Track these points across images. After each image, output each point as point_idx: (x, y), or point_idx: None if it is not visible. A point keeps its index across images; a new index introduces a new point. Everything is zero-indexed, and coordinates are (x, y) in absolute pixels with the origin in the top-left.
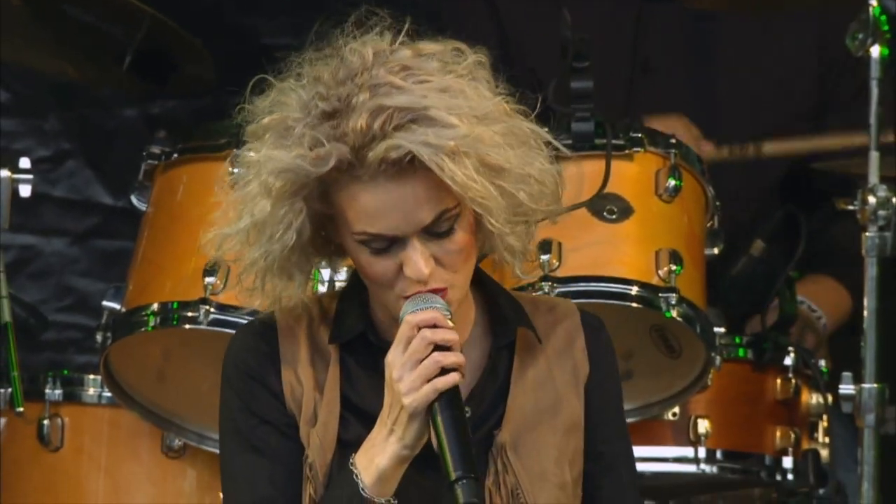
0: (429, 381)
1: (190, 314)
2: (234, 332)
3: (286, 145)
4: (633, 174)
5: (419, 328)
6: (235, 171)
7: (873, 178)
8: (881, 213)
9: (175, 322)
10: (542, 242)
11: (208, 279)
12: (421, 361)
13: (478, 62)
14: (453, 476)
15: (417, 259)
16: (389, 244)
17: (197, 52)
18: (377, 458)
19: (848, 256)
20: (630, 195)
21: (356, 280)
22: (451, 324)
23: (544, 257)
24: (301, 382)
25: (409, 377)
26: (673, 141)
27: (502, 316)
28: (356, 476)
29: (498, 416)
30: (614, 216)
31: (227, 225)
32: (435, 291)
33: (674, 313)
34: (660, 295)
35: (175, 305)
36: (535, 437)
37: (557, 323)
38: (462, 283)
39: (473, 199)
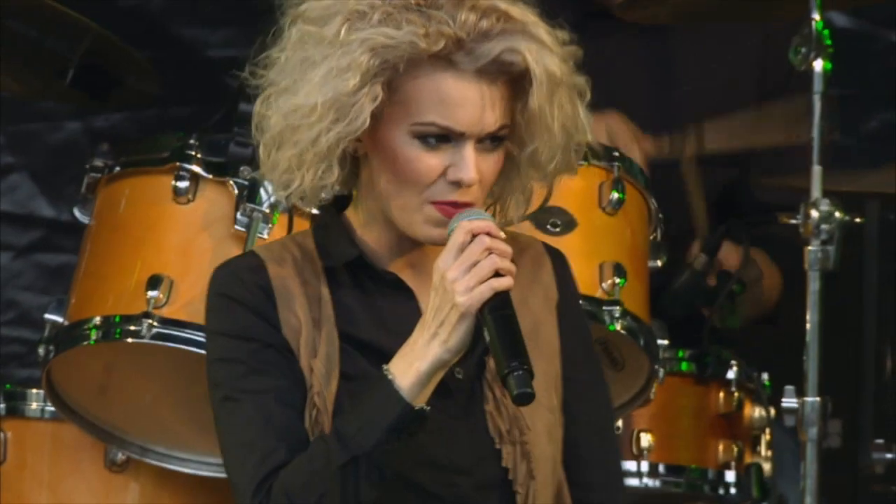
0: (483, 282)
1: (132, 328)
2: (177, 346)
3: (381, 25)
4: (576, 187)
5: (474, 234)
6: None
7: (816, 192)
8: (824, 227)
9: (117, 336)
10: None
11: (151, 293)
12: (476, 264)
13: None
14: (506, 369)
15: (471, 161)
16: (446, 141)
17: (140, 65)
18: (417, 361)
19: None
20: (574, 208)
21: (330, 215)
22: (502, 234)
23: None
24: (298, 318)
25: (464, 278)
26: (616, 154)
27: None
28: (392, 381)
29: (484, 344)
30: (558, 229)
31: (290, 95)
32: (464, 206)
33: (617, 326)
34: (603, 308)
35: (117, 319)
36: None
37: (523, 252)
38: (480, 206)
39: (541, 129)
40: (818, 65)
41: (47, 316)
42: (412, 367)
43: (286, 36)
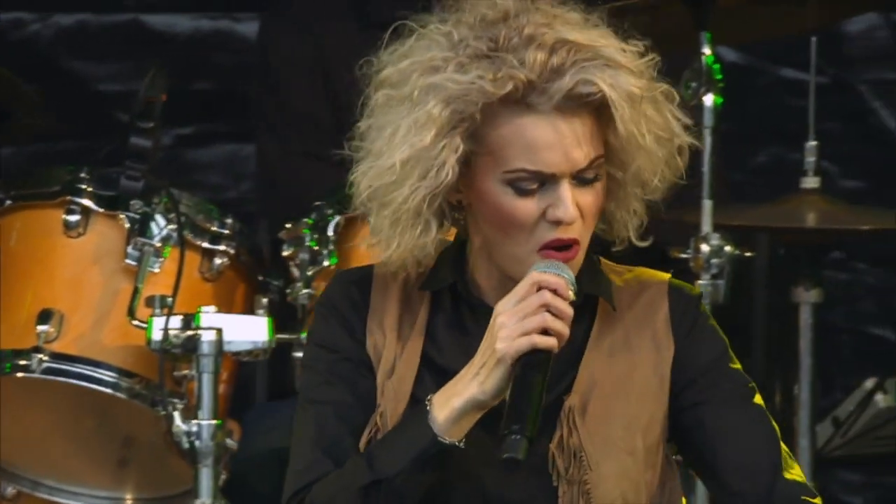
0: (526, 335)
1: (22, 362)
2: (67, 380)
3: (452, 73)
4: None
5: (539, 287)
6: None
7: (706, 226)
8: (714, 261)
9: (8, 370)
10: None
11: (41, 327)
12: (528, 315)
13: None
14: (505, 429)
15: (568, 199)
16: (540, 185)
17: (31, 99)
18: (455, 397)
19: None
20: None
21: (458, 240)
22: (571, 296)
23: None
24: (385, 333)
25: (511, 325)
26: None
27: (580, 284)
28: (428, 411)
29: (569, 381)
30: None
31: (373, 160)
32: (570, 243)
33: None
34: None
35: (8, 353)
36: (606, 403)
37: (642, 292)
38: (586, 242)
39: (635, 149)
40: (708, 99)
41: None
42: (449, 401)
43: (372, 103)
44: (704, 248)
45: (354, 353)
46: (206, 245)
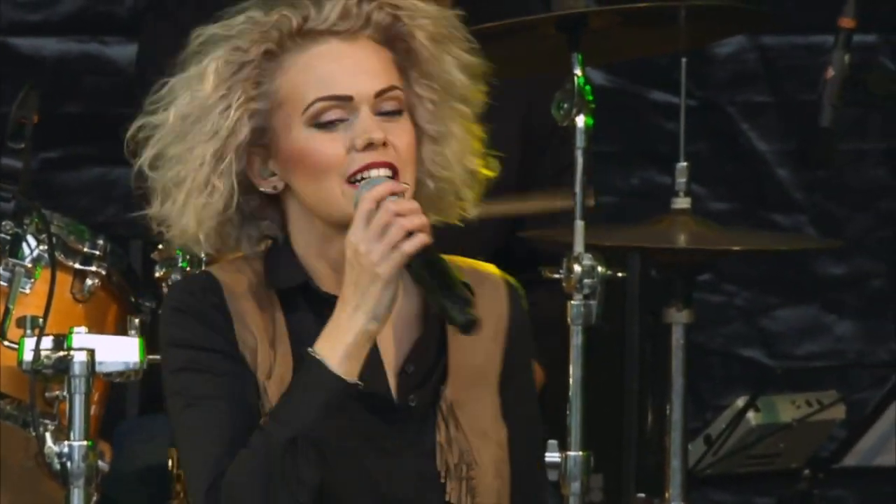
0: (397, 248)
1: None
2: None
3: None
4: None
5: (378, 202)
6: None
7: (578, 246)
8: (586, 281)
9: None
10: None
11: None
12: (386, 230)
13: None
14: (445, 303)
15: (369, 120)
16: (341, 116)
17: None
18: (342, 336)
19: (547, 324)
20: None
21: (277, 243)
22: (404, 186)
23: None
24: (254, 334)
25: (377, 247)
26: None
27: None
28: (319, 360)
29: (441, 372)
30: None
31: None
32: (383, 165)
33: None
34: None
35: None
36: (476, 393)
37: (482, 281)
38: (408, 178)
39: (440, 72)
40: (580, 120)
41: None
42: (338, 342)
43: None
44: (577, 268)
45: (228, 348)
46: (77, 266)
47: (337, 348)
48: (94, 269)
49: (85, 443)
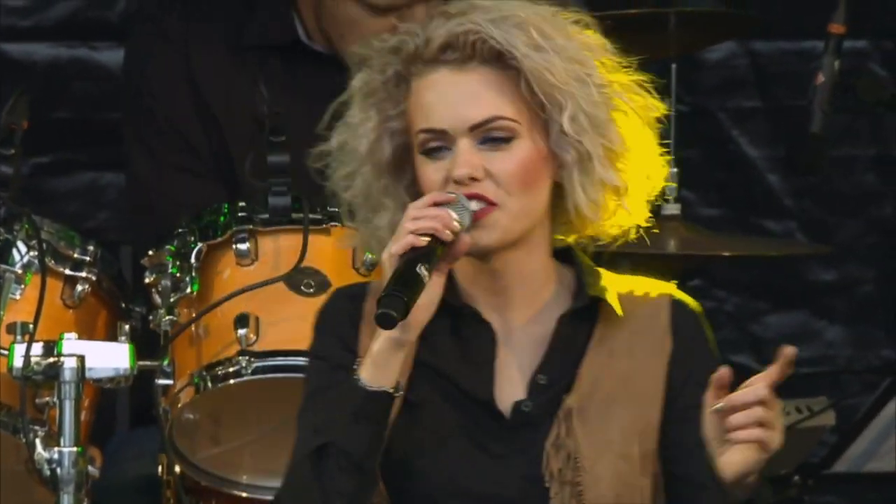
0: (398, 242)
1: None
2: None
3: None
4: (330, 248)
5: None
6: None
7: None
8: None
9: None
10: (238, 316)
11: None
12: (396, 234)
13: None
14: (386, 291)
15: (461, 155)
16: (442, 145)
17: None
18: (373, 345)
19: None
20: (328, 269)
21: None
22: (452, 197)
23: (241, 332)
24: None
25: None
26: None
27: (582, 288)
28: (354, 370)
29: (569, 381)
30: (311, 290)
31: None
32: (481, 198)
33: None
34: None
35: None
36: (605, 406)
37: (645, 300)
38: (516, 209)
39: (561, 95)
40: None
41: None
42: (370, 352)
43: None
44: None
45: (348, 361)
46: (67, 272)
47: (366, 359)
48: (84, 274)
49: (75, 449)
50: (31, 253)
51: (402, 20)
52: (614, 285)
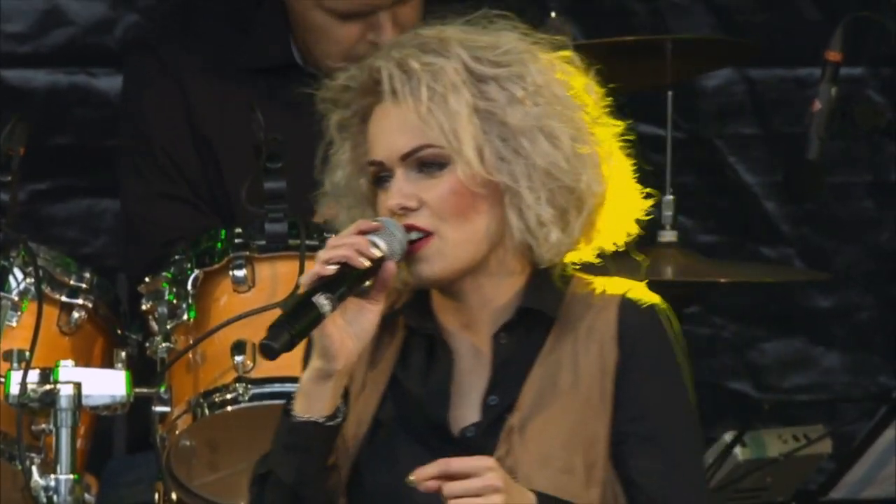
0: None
1: None
2: None
3: None
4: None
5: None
6: None
7: None
8: None
9: None
10: (235, 343)
11: None
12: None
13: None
14: (275, 323)
15: (394, 185)
16: (387, 175)
17: None
18: (302, 378)
19: None
20: None
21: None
22: (374, 224)
23: (238, 358)
24: (365, 362)
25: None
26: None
27: (538, 300)
28: (289, 406)
29: (513, 400)
30: None
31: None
32: (415, 229)
33: None
34: None
35: None
36: (545, 419)
37: (594, 306)
38: (455, 236)
39: (442, 129)
40: None
41: None
42: (300, 384)
43: None
44: None
45: None
46: (64, 299)
47: (299, 388)
48: (80, 301)
49: (71, 476)
50: (28, 280)
51: (367, 26)
52: (576, 289)
